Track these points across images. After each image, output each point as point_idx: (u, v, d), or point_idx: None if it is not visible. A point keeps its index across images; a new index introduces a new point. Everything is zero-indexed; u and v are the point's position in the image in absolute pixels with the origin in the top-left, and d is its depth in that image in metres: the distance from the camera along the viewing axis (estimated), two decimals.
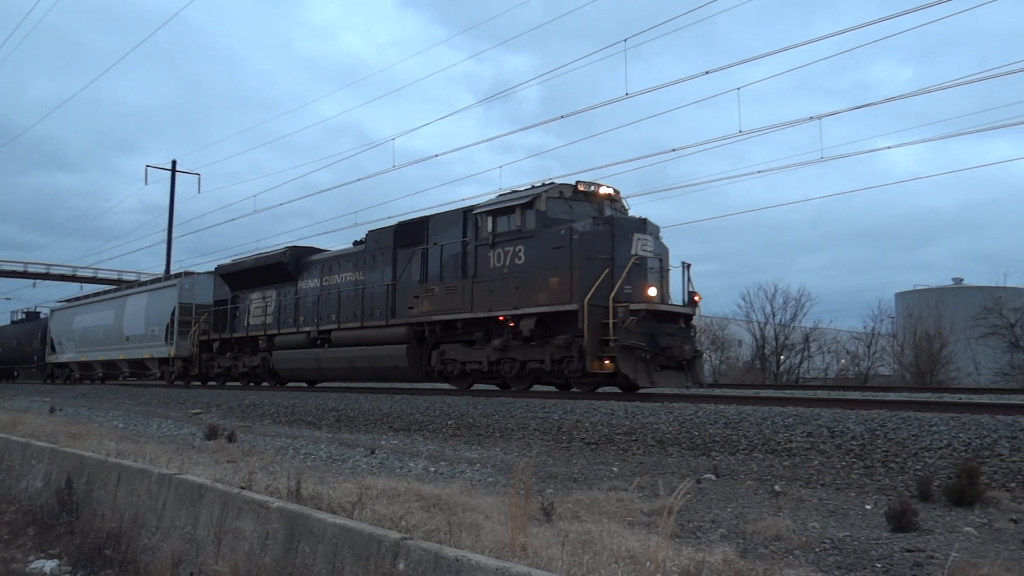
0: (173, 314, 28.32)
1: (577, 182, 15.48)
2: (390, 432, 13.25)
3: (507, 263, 15.37)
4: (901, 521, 5.66)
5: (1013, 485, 6.71)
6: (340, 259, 20.89)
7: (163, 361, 29.07)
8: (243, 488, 5.29)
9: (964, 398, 14.01)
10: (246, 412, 17.56)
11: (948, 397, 14.75)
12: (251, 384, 24.48)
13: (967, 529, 5.73)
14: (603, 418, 10.88)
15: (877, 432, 8.19)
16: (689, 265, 15.11)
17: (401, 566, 3.29)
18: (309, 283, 21.82)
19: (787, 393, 16.86)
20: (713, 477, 8.05)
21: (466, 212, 16.73)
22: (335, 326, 19.89)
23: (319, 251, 22.99)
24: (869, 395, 14.92)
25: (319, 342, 20.48)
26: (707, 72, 18.75)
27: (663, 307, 14.19)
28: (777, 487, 7.39)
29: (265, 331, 22.92)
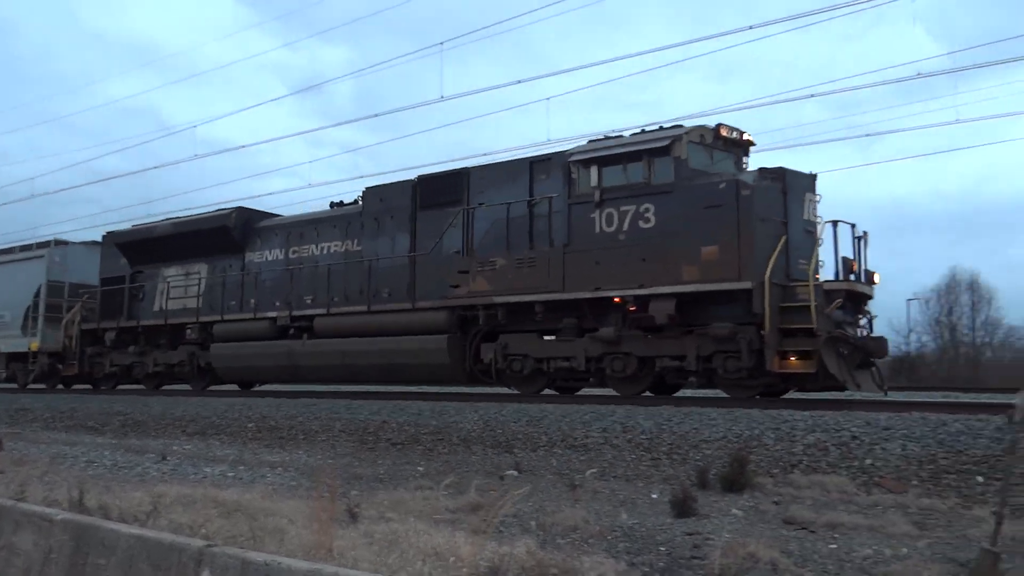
0: (38, 295, 21.82)
1: (719, 125, 12.21)
2: (183, 436, 12.58)
3: (625, 227, 11.80)
4: (682, 508, 6.19)
5: (776, 471, 7.51)
6: (318, 224, 16.39)
7: (16, 357, 22.58)
8: (18, 500, 4.86)
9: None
10: (15, 418, 15.95)
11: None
12: (160, 387, 19.33)
13: (738, 512, 6.37)
14: (410, 418, 10.96)
15: (664, 426, 8.87)
16: (866, 234, 11.64)
17: (205, 574, 3.19)
18: (266, 255, 17.08)
19: (586, 391, 17.39)
20: (515, 473, 8.36)
21: (533, 163, 13.30)
22: (322, 311, 15.34)
23: (271, 215, 18.35)
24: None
25: (292, 332, 15.88)
26: (519, 81, 19.38)
27: (861, 288, 11.25)
28: (575, 479, 7.81)
29: (197, 317, 17.56)
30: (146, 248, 19.30)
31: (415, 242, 14.44)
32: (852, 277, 11.14)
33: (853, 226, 11.40)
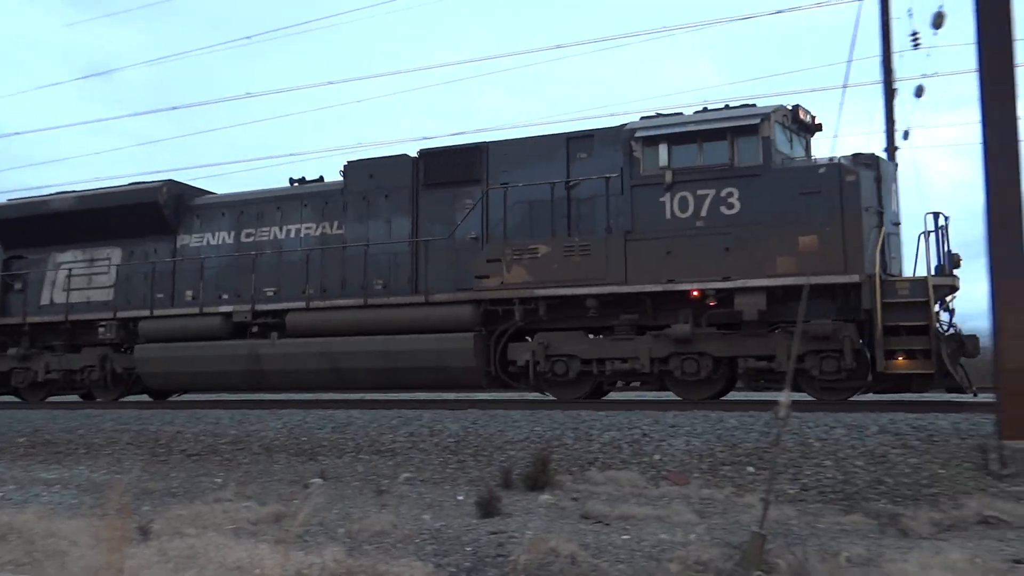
0: None
1: (796, 107, 11.40)
2: None
3: (703, 212, 10.76)
4: (488, 508, 6.37)
5: (575, 469, 7.90)
6: (282, 202, 13.93)
7: None
8: None
9: (543, 396, 15.88)
10: None
11: (530, 396, 16.63)
12: (46, 398, 15.50)
13: (540, 509, 6.64)
14: (207, 427, 10.46)
15: (470, 429, 9.06)
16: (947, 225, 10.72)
17: None
18: (208, 238, 14.34)
19: (393, 396, 17.19)
20: (320, 481, 8.21)
21: (570, 139, 11.99)
22: (298, 305, 13.01)
23: (206, 192, 15.44)
24: (463, 396, 16.20)
25: (254, 330, 13.44)
26: (330, 82, 19.03)
27: (958, 284, 10.41)
28: (382, 484, 7.80)
29: (115, 313, 14.45)
30: (32, 228, 15.60)
31: (417, 226, 12.69)
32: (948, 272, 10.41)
33: (947, 217, 10.56)
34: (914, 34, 17.63)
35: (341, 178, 13.52)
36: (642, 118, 11.58)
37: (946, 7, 15.02)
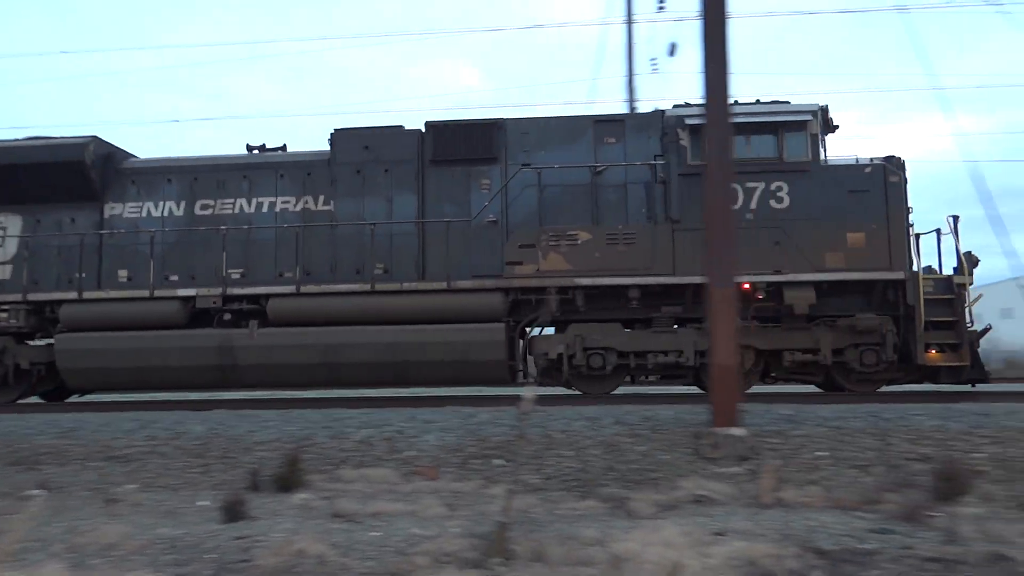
0: None
1: (825, 107, 11.52)
2: None
3: (753, 205, 10.91)
4: (233, 512, 6.14)
5: (328, 468, 7.82)
6: (250, 171, 12.28)
7: None
8: None
9: (292, 394, 15.50)
10: None
11: (279, 394, 16.15)
12: None
13: (289, 511, 6.51)
14: None
15: (217, 430, 8.65)
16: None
17: None
18: (148, 208, 12.27)
19: (135, 397, 15.76)
20: (41, 492, 7.46)
21: (596, 121, 11.63)
22: (285, 290, 11.59)
23: (132, 155, 13.15)
24: (210, 395, 15.37)
25: (225, 317, 11.79)
26: (64, 52, 17.21)
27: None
28: (114, 493, 7.24)
29: (24, 295, 12.02)
30: None
31: (424, 205, 11.82)
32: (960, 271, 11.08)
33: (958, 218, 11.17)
34: (653, 60, 19.44)
35: (328, 147, 12.27)
36: (675, 106, 11.63)
37: (682, 39, 16.70)
